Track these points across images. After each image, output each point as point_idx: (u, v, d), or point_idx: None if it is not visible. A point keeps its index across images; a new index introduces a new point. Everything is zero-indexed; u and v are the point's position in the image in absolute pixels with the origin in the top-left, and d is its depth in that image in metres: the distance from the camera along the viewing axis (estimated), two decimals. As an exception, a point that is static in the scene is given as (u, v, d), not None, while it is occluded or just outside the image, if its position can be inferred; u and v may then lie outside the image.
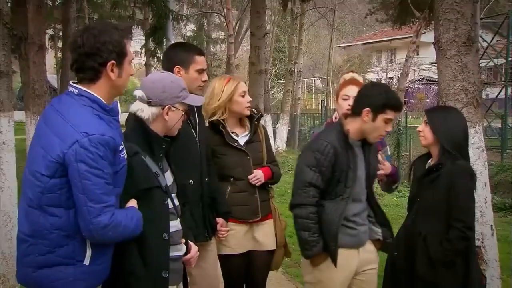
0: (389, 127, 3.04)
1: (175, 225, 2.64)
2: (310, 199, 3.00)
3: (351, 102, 3.40)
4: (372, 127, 3.02)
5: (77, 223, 2.20)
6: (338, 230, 2.97)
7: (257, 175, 3.53)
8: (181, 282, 2.77)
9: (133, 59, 2.45)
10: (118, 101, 2.42)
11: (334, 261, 2.98)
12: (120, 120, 2.43)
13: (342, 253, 3.00)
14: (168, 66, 3.29)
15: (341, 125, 3.10)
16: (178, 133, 2.74)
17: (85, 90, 2.26)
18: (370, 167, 3.15)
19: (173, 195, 2.68)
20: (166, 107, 2.59)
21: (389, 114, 2.98)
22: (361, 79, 3.58)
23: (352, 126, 3.06)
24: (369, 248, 3.21)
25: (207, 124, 3.49)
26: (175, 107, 2.63)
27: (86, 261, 2.25)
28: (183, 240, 2.73)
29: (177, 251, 2.67)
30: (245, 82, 3.60)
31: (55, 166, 2.16)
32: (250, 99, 3.59)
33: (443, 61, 3.72)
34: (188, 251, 2.74)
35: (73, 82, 2.30)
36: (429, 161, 3.29)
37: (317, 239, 2.98)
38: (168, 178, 2.64)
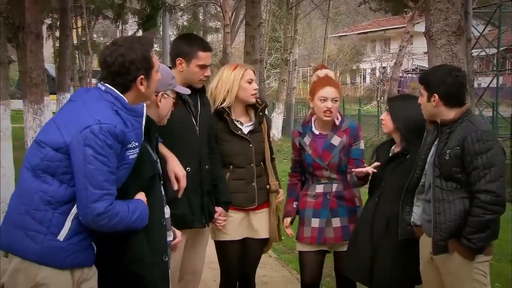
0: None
1: (166, 211, 2.69)
2: None
3: (328, 104, 3.43)
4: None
5: (63, 197, 2.25)
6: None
7: None
8: None
9: (158, 66, 2.50)
10: (145, 105, 2.48)
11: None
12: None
13: (422, 236, 3.09)
14: (172, 56, 3.37)
15: None
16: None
17: (111, 88, 2.33)
18: (436, 154, 2.90)
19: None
20: (160, 93, 2.63)
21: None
22: (334, 77, 3.62)
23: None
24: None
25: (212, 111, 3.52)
26: (167, 94, 2.68)
27: (60, 237, 2.25)
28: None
29: (169, 237, 2.70)
30: (253, 71, 3.62)
31: (62, 144, 2.23)
32: (257, 86, 3.61)
33: (433, 51, 3.78)
34: (174, 236, 2.78)
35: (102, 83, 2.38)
36: (393, 147, 3.39)
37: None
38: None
